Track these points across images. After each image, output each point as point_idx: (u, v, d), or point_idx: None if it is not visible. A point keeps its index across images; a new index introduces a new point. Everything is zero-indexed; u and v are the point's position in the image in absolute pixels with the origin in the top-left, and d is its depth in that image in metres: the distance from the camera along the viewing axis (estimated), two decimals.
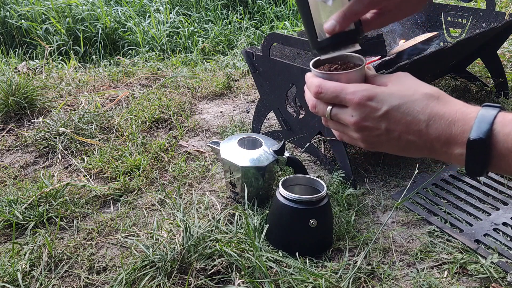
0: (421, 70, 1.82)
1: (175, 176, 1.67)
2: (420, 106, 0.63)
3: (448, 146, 0.63)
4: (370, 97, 0.64)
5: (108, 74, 2.70)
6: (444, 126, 0.62)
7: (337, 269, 1.20)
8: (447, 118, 0.62)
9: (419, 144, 0.65)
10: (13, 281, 1.19)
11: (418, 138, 0.64)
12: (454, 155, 0.63)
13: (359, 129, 0.67)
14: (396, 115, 0.64)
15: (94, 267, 1.26)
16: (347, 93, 0.65)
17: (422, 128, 0.63)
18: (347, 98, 0.66)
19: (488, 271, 1.17)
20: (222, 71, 2.74)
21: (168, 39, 3.56)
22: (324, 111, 0.69)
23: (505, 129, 0.59)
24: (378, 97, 0.64)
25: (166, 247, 1.20)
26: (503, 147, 0.59)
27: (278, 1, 4.24)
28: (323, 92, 0.68)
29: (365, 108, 0.65)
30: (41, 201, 1.50)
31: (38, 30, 3.55)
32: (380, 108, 0.64)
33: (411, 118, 0.63)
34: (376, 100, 0.64)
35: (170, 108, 2.16)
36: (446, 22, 2.26)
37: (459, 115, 0.62)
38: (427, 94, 0.64)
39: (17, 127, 2.05)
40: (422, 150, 0.66)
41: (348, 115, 0.67)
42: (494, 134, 0.59)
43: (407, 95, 0.64)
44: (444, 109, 0.63)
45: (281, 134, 1.79)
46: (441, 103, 0.64)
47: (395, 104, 0.64)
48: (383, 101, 0.64)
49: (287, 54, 1.98)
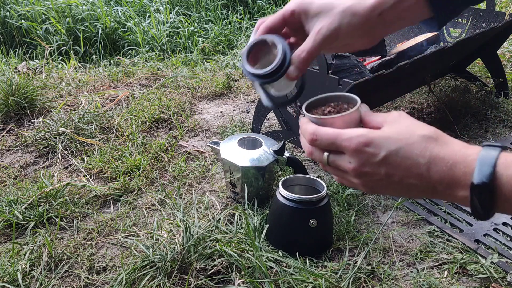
0: (421, 70, 1.82)
1: (175, 176, 1.67)
2: (419, 149, 0.62)
3: (452, 188, 0.62)
4: (367, 143, 0.63)
5: (108, 74, 2.70)
6: (446, 169, 0.61)
7: (337, 269, 1.20)
8: (447, 161, 0.61)
9: (421, 187, 0.64)
10: (13, 281, 1.19)
11: (419, 182, 0.63)
12: (459, 197, 0.62)
13: (358, 175, 0.66)
14: (395, 159, 0.63)
15: (94, 267, 1.25)
16: (343, 139, 0.64)
17: (423, 172, 0.62)
18: (343, 145, 0.65)
19: (488, 271, 1.17)
20: (222, 71, 2.74)
21: (168, 39, 3.56)
22: (321, 157, 0.68)
23: (508, 171, 0.58)
24: (375, 142, 0.63)
25: (166, 247, 1.20)
26: (507, 189, 0.58)
27: (278, 1, 4.24)
28: (318, 139, 0.67)
29: (363, 154, 0.64)
30: (41, 201, 1.50)
31: (38, 30, 3.55)
32: (378, 153, 0.63)
33: (410, 162, 0.62)
34: (373, 146, 0.63)
35: (170, 108, 2.15)
36: None
37: (459, 157, 0.61)
38: (425, 136, 0.63)
39: (17, 127, 2.05)
40: (425, 192, 0.65)
41: (346, 162, 0.66)
42: (497, 177, 0.58)
43: (404, 138, 0.63)
44: (443, 151, 0.62)
45: (281, 134, 1.79)
46: (439, 144, 0.63)
47: (393, 148, 0.63)
48: (380, 146, 0.63)
49: None
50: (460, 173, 0.60)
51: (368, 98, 1.77)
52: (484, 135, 1.89)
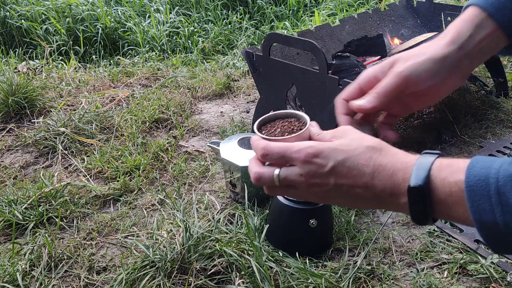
0: None
1: (175, 176, 1.67)
2: (364, 159, 0.65)
3: (394, 196, 0.64)
4: (316, 154, 0.66)
5: (108, 74, 2.70)
6: (387, 177, 0.64)
7: (337, 269, 1.20)
8: (389, 169, 0.64)
9: (368, 196, 0.66)
10: (13, 281, 1.19)
11: (365, 191, 0.65)
12: (401, 205, 0.64)
13: (308, 186, 0.68)
14: (342, 170, 0.65)
15: (94, 267, 1.25)
16: (293, 152, 0.67)
17: (368, 181, 0.64)
18: (293, 156, 0.67)
19: (488, 271, 1.17)
20: (222, 71, 2.74)
21: (168, 39, 3.56)
22: (271, 177, 0.69)
23: (441, 174, 0.60)
24: (323, 153, 0.66)
25: (166, 247, 1.20)
26: (441, 192, 0.60)
27: (278, 1, 4.24)
28: (269, 154, 0.69)
29: (312, 165, 0.66)
30: (41, 201, 1.50)
31: (38, 30, 3.55)
32: (326, 164, 0.65)
33: (356, 171, 0.65)
34: (321, 157, 0.66)
35: (170, 108, 2.16)
36: (446, 22, 2.26)
37: (399, 164, 0.64)
38: (370, 147, 0.66)
39: (17, 127, 2.05)
40: (371, 202, 0.67)
41: (297, 175, 0.68)
42: (432, 180, 0.60)
43: (351, 149, 0.66)
44: (386, 160, 0.65)
45: None
46: (383, 154, 0.66)
47: (340, 159, 0.65)
48: (328, 157, 0.66)
49: (287, 54, 1.98)
50: (400, 180, 0.63)
51: None
52: (484, 135, 1.89)
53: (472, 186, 0.58)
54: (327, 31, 2.13)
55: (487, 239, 0.59)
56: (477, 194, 0.57)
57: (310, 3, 4.17)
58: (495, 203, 0.56)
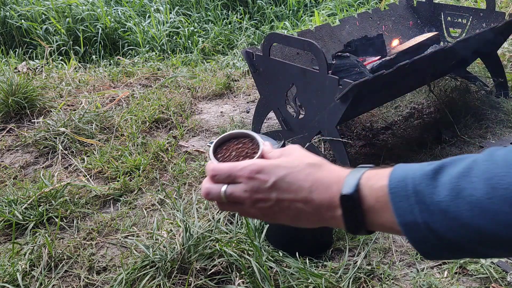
0: (421, 70, 1.82)
1: (175, 176, 1.67)
2: (303, 175, 0.69)
3: (331, 209, 0.67)
4: (259, 170, 0.70)
5: (108, 74, 2.70)
6: (324, 190, 0.67)
7: (337, 269, 1.20)
8: (326, 183, 0.67)
9: (308, 212, 0.69)
10: (13, 281, 1.19)
11: (305, 205, 0.68)
12: (338, 217, 0.67)
13: (253, 202, 0.71)
14: (283, 185, 0.69)
15: (94, 267, 1.25)
16: (238, 169, 0.71)
17: (307, 195, 0.68)
18: (238, 174, 0.71)
19: (488, 271, 1.17)
20: (222, 71, 2.74)
21: (168, 39, 3.56)
22: (218, 193, 0.73)
23: (369, 182, 0.63)
24: (266, 169, 0.70)
25: (166, 247, 1.20)
26: (370, 199, 0.63)
27: (278, 1, 4.24)
28: (218, 174, 0.73)
29: (255, 181, 0.70)
30: (41, 201, 1.50)
31: (38, 30, 3.55)
32: (268, 179, 0.69)
33: (296, 186, 0.68)
34: (264, 173, 0.70)
35: (170, 108, 2.15)
36: (446, 22, 2.26)
37: (334, 177, 0.68)
38: (310, 164, 0.70)
39: (17, 127, 2.05)
40: (313, 218, 0.70)
41: (242, 191, 0.71)
42: (361, 188, 0.63)
43: (292, 166, 0.70)
44: (323, 175, 0.68)
45: (281, 134, 1.79)
46: (321, 170, 0.69)
47: (281, 174, 0.69)
48: (270, 173, 0.69)
49: (287, 54, 1.98)
50: (335, 192, 0.66)
51: (368, 98, 1.78)
52: (484, 135, 1.89)
53: (394, 188, 0.60)
54: (327, 31, 2.13)
55: (414, 243, 0.61)
56: (397, 195, 0.60)
57: (310, 3, 4.17)
58: (414, 202, 0.58)
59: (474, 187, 0.54)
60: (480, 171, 0.55)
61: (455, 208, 0.55)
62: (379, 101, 1.95)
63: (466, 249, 0.58)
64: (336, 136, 1.55)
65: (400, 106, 2.14)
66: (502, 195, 0.51)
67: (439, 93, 2.17)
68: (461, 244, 0.57)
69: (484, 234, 0.54)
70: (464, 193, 0.54)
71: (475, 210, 0.53)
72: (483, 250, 0.58)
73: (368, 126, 1.97)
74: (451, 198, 0.55)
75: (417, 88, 2.17)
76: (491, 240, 0.54)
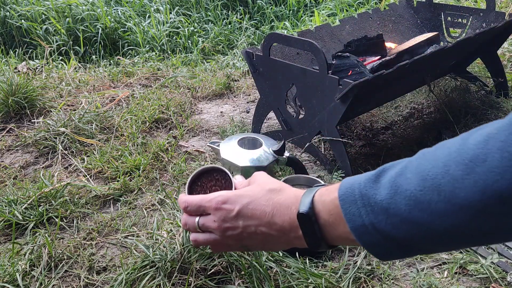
0: (421, 70, 1.82)
1: (175, 176, 1.67)
2: (265, 200, 0.73)
3: (293, 230, 0.71)
4: (224, 201, 0.75)
5: (108, 74, 2.70)
6: (284, 212, 0.71)
7: (337, 269, 1.20)
8: (285, 205, 0.72)
9: (274, 235, 0.73)
10: (13, 281, 1.19)
11: (270, 229, 0.73)
12: (301, 237, 0.71)
13: (223, 231, 0.77)
14: (247, 212, 0.73)
15: (94, 267, 1.25)
16: (206, 201, 0.77)
17: (270, 219, 0.72)
18: (207, 205, 0.77)
19: (488, 271, 1.18)
20: (222, 71, 2.74)
21: (168, 39, 3.56)
22: (193, 224, 0.79)
23: (322, 197, 0.67)
24: (231, 199, 0.75)
25: (166, 247, 1.20)
26: (324, 213, 0.66)
27: (278, 1, 4.24)
28: (189, 206, 0.80)
29: (222, 211, 0.76)
30: (41, 201, 1.50)
31: (38, 30, 3.55)
32: (234, 208, 0.74)
33: (259, 212, 0.73)
34: (229, 202, 0.75)
35: (170, 108, 2.16)
36: (446, 22, 2.26)
37: (292, 199, 0.72)
38: (270, 189, 0.75)
39: (17, 127, 2.05)
40: (280, 240, 0.75)
41: (211, 221, 0.77)
42: (315, 205, 0.67)
43: (255, 193, 0.75)
44: (283, 198, 0.73)
45: (281, 134, 1.79)
46: (280, 194, 0.74)
47: (245, 202, 0.74)
48: (235, 202, 0.75)
49: (287, 54, 1.98)
50: (294, 212, 0.70)
51: (368, 98, 1.78)
52: None
53: (343, 195, 0.63)
54: (327, 31, 2.13)
55: (367, 247, 0.63)
56: (346, 202, 0.62)
57: (310, 3, 4.17)
58: (360, 206, 0.61)
59: (409, 182, 0.56)
60: (413, 167, 0.58)
61: (394, 205, 0.57)
62: (379, 101, 1.95)
63: (413, 246, 0.60)
64: (336, 136, 1.55)
65: (400, 106, 2.14)
66: (431, 185, 0.54)
67: (439, 93, 2.17)
68: (407, 241, 0.59)
69: (423, 227, 0.56)
70: (401, 189, 0.57)
71: (411, 203, 0.56)
72: (427, 246, 0.60)
73: (368, 126, 1.97)
74: (391, 195, 0.58)
75: (417, 88, 2.17)
76: (430, 233, 0.56)
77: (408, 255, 0.67)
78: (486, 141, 0.51)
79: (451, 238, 0.56)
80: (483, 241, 0.58)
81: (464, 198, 0.51)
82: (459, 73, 2.26)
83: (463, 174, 0.51)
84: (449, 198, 0.53)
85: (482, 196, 0.50)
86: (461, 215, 0.52)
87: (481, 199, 0.50)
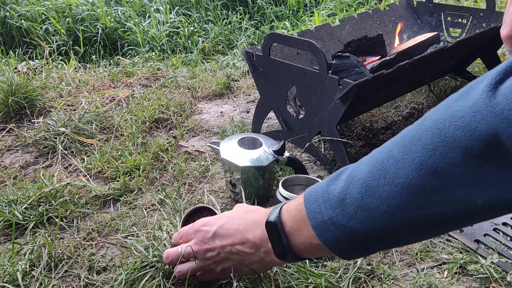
0: (421, 70, 1.82)
1: (175, 176, 1.67)
2: (239, 220, 0.78)
3: (264, 244, 0.75)
4: (203, 224, 0.83)
5: (108, 74, 2.70)
6: (256, 227, 0.76)
7: (337, 269, 1.20)
8: (258, 221, 0.76)
9: (249, 252, 0.78)
10: (13, 281, 1.19)
11: (244, 247, 0.78)
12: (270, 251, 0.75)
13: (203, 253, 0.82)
14: (222, 231, 0.79)
15: (94, 267, 1.25)
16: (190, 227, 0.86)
17: (243, 236, 0.77)
18: (190, 231, 0.85)
19: (488, 271, 1.17)
20: (222, 71, 2.74)
21: (168, 39, 3.56)
22: (176, 253, 0.88)
23: (288, 207, 0.72)
24: (209, 221, 0.82)
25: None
26: (289, 221, 0.70)
27: (278, 1, 4.24)
28: (182, 236, 0.89)
29: (201, 232, 0.82)
30: (41, 201, 1.49)
31: (38, 30, 3.55)
32: (211, 229, 0.81)
33: (233, 231, 0.78)
34: (207, 225, 0.82)
35: (170, 108, 2.16)
36: (446, 22, 2.26)
37: (264, 214, 0.76)
38: (245, 210, 0.81)
39: (17, 127, 2.05)
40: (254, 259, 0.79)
41: (193, 244, 0.83)
42: (282, 214, 0.72)
43: (231, 214, 0.81)
44: (255, 216, 0.78)
45: (281, 134, 1.79)
46: (253, 212, 0.79)
47: (221, 223, 0.80)
48: (213, 224, 0.81)
49: (287, 54, 1.98)
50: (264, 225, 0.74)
51: (368, 98, 1.78)
52: None
53: (307, 197, 0.67)
54: (327, 31, 2.13)
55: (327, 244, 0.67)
56: (309, 201, 0.66)
57: (310, 3, 4.17)
58: (321, 202, 0.64)
59: (361, 171, 0.60)
60: (367, 159, 0.62)
61: (349, 194, 0.60)
62: (379, 101, 1.95)
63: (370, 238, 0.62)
64: (336, 136, 1.55)
65: (400, 106, 2.14)
66: (379, 170, 0.57)
67: (439, 93, 2.17)
68: (363, 233, 0.61)
69: (374, 213, 0.58)
70: (355, 179, 0.60)
71: (363, 190, 0.58)
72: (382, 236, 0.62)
73: (368, 126, 1.97)
74: (346, 186, 0.61)
75: (417, 88, 2.17)
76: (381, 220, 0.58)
77: (369, 251, 0.70)
78: (422, 122, 0.54)
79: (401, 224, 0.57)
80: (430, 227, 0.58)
81: (404, 177, 0.54)
82: (459, 73, 2.26)
83: (403, 154, 0.54)
84: (393, 179, 0.55)
85: (419, 173, 0.52)
86: (403, 195, 0.54)
87: (418, 176, 0.52)
